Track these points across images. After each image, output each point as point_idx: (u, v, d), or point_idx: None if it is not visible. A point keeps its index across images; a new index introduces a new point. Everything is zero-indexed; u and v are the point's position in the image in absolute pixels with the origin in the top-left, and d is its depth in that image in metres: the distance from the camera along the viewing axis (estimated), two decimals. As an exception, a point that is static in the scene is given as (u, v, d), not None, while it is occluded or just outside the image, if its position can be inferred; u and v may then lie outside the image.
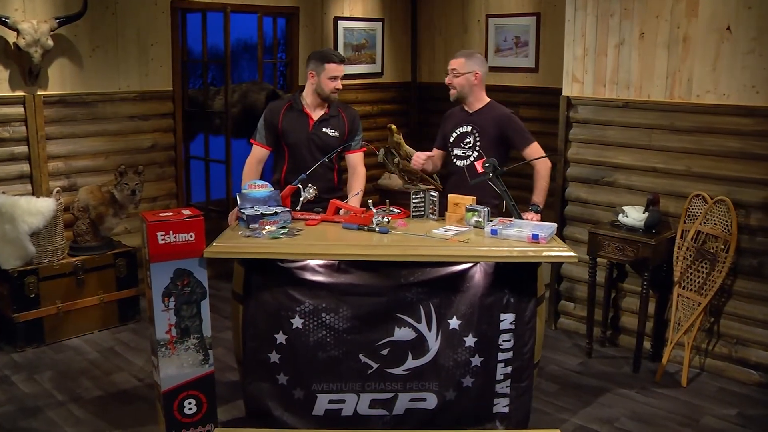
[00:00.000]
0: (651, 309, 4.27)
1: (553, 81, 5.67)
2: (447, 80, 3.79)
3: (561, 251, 3.04)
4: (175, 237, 2.99)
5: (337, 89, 3.73)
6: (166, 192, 5.42)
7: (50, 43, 4.44)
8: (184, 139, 5.49)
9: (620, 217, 4.19)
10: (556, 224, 3.21)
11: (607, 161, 4.44)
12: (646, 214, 4.09)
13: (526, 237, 3.09)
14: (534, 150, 3.74)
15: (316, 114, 3.77)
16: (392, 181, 6.10)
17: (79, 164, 4.91)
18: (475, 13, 6.31)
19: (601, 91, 4.41)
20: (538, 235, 3.07)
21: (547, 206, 3.78)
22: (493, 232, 3.15)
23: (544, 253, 3.03)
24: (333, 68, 3.68)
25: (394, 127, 5.77)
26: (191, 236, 3.01)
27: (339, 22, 6.19)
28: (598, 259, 4.28)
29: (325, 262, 3.10)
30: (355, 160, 3.92)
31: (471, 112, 3.81)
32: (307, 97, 3.77)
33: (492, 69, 6.20)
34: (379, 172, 6.22)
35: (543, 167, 3.73)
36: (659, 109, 4.17)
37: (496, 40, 6.19)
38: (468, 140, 3.79)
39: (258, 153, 3.80)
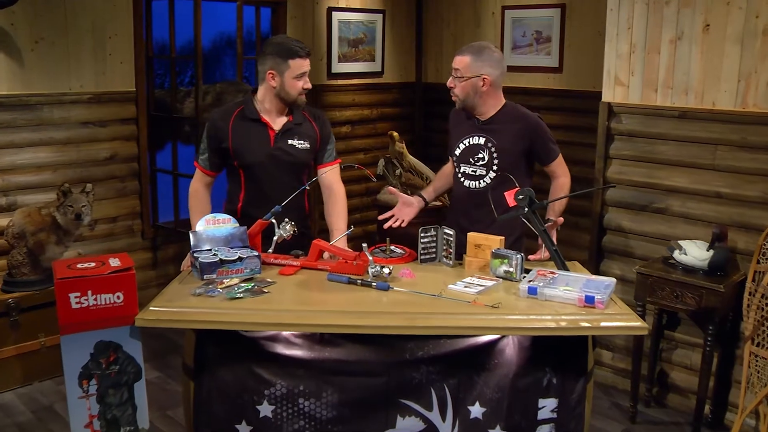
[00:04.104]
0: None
1: (579, 83, 4.99)
2: (449, 83, 2.99)
3: (626, 320, 2.22)
4: (95, 299, 2.18)
5: (306, 89, 2.90)
6: (128, 211, 4.64)
7: (-23, 33, 3.65)
8: (150, 149, 4.69)
9: (676, 254, 3.38)
10: (614, 280, 2.39)
11: (658, 183, 3.64)
12: (711, 251, 3.29)
13: (576, 299, 2.28)
14: (560, 163, 3.05)
15: (278, 122, 2.93)
16: (393, 196, 5.34)
17: (20, 179, 4.13)
18: (489, 4, 5.55)
19: (651, 97, 3.60)
20: (593, 297, 2.26)
21: (578, 238, 3.03)
22: (532, 291, 2.33)
23: (602, 324, 2.22)
24: (300, 64, 2.84)
25: (395, 134, 5.21)
26: (118, 297, 2.20)
27: (333, 13, 5.45)
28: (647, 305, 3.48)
29: (304, 330, 2.31)
30: (331, 176, 3.05)
31: (482, 120, 3.01)
32: (265, 102, 2.92)
33: (508, 68, 5.44)
34: (378, 185, 5.46)
35: (568, 180, 3.07)
36: (727, 120, 3.37)
37: (514, 36, 5.44)
38: (481, 155, 2.99)
39: (203, 178, 3.00)
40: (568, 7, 5.09)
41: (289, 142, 2.92)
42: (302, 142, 2.94)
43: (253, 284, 2.41)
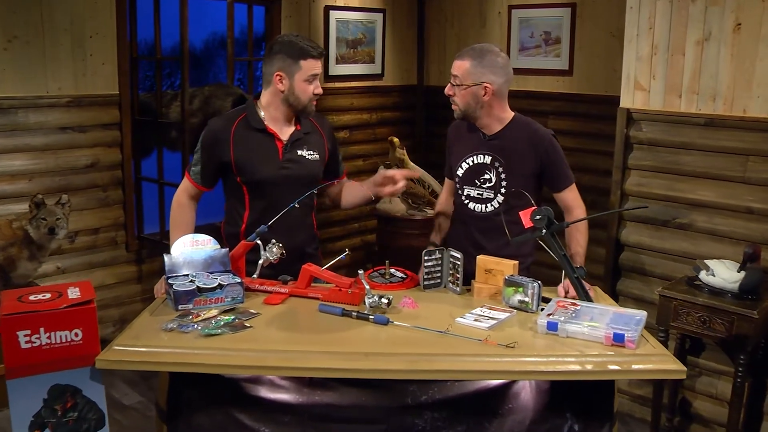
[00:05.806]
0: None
1: (590, 86, 4.74)
2: (447, 90, 2.69)
3: (661, 363, 1.94)
4: (48, 337, 1.89)
5: (317, 95, 2.60)
6: (111, 222, 4.36)
7: (-58, 31, 3.37)
8: (135, 156, 4.41)
9: (702, 275, 3.09)
10: (645, 313, 2.10)
11: (682, 196, 3.37)
12: (742, 272, 3.00)
13: (603, 337, 1.99)
14: (574, 192, 2.70)
15: (285, 132, 2.63)
16: (393, 205, 5.15)
17: (-7, 189, 3.86)
18: (495, 3, 5.31)
19: (674, 103, 3.33)
20: (623, 335, 1.97)
21: (590, 252, 2.74)
22: (551, 326, 2.05)
23: (634, 367, 1.93)
24: (312, 65, 2.54)
25: (396, 140, 4.99)
26: (76, 335, 1.91)
27: (331, 12, 5.20)
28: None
29: (290, 371, 2.02)
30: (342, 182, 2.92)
31: (489, 135, 2.71)
32: (271, 109, 2.62)
33: (515, 71, 5.18)
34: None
35: (583, 213, 2.71)
36: (760, 129, 3.09)
37: (521, 37, 5.20)
38: (488, 176, 2.67)
39: (192, 190, 2.68)
40: (579, 7, 4.84)
41: (299, 153, 2.62)
42: (312, 153, 2.65)
43: (233, 317, 2.13)
